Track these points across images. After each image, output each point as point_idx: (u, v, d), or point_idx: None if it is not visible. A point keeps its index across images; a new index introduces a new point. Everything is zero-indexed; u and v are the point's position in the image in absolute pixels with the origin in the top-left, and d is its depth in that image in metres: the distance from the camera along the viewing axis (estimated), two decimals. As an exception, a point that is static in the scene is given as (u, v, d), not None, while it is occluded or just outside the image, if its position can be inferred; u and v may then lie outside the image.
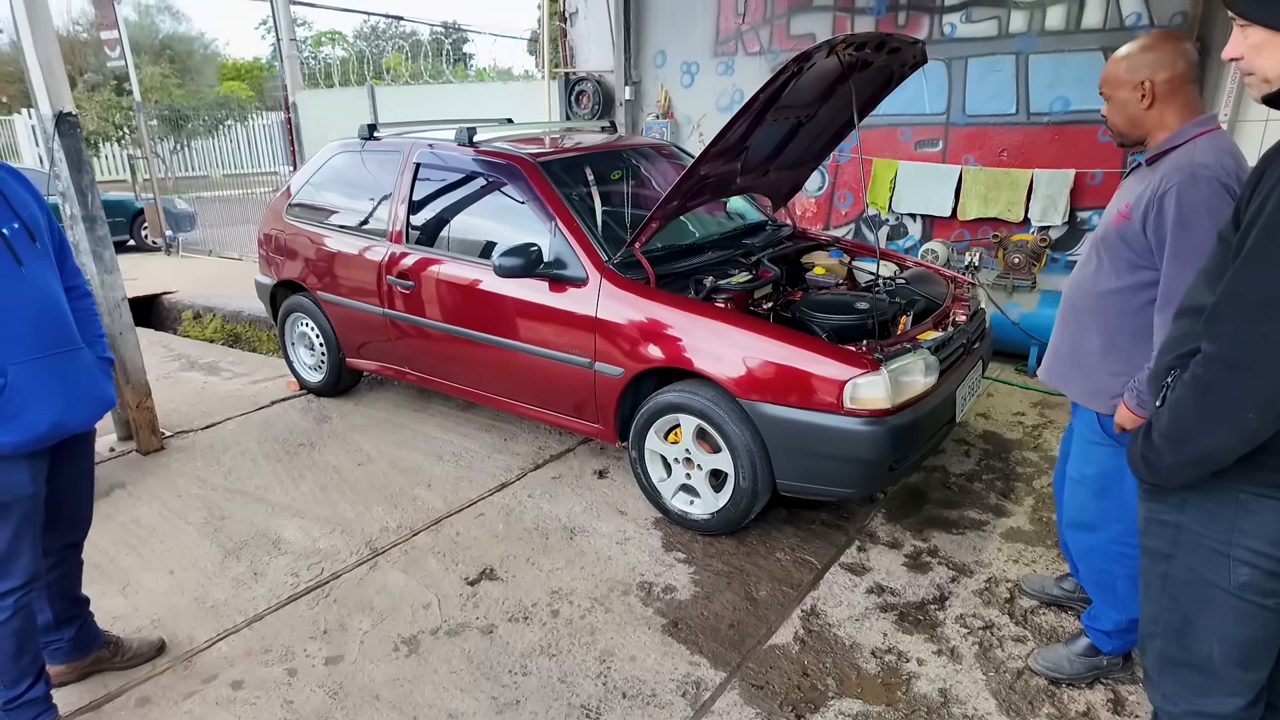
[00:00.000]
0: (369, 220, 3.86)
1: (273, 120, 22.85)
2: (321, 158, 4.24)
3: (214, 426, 3.97)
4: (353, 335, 4.03)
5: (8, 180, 1.90)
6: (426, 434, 3.89)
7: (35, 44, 3.06)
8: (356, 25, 29.63)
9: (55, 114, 3.16)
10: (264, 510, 3.14)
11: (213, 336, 6.76)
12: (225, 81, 23.72)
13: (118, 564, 2.74)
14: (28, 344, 1.79)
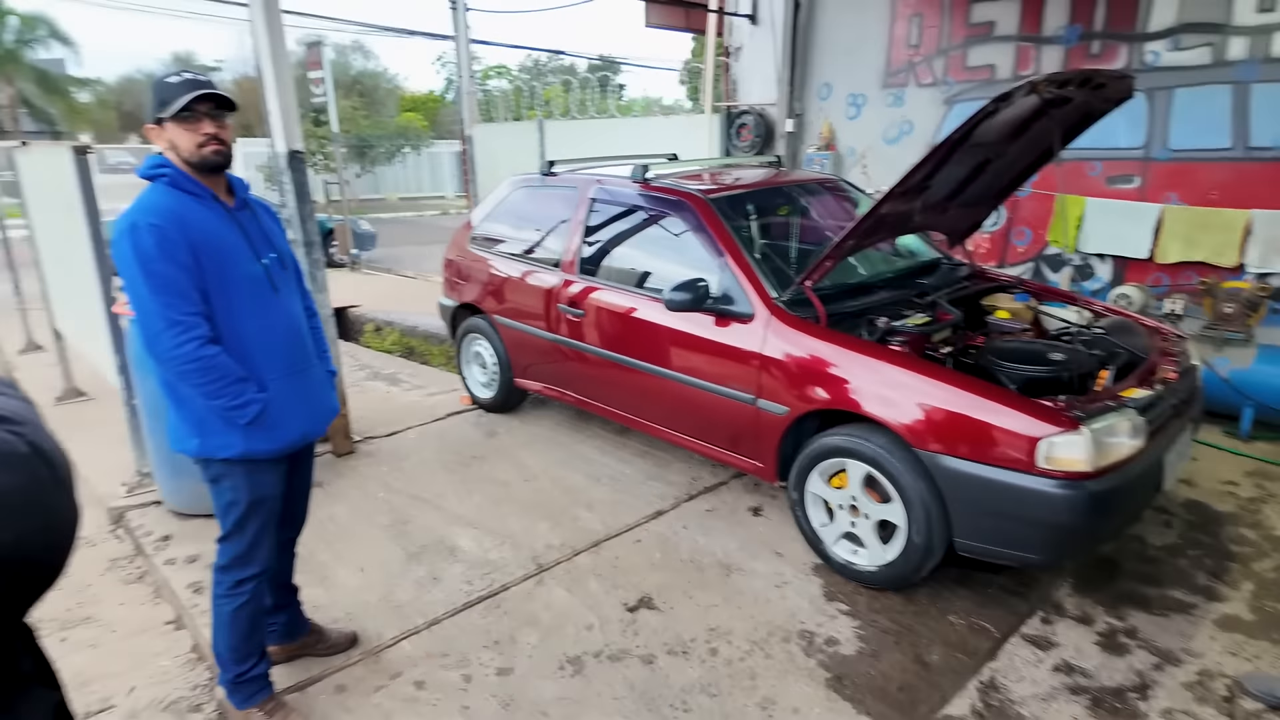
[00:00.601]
0: (544, 250, 4.08)
1: (443, 149, 24.82)
2: (502, 191, 4.54)
3: (396, 434, 4.32)
4: (522, 356, 4.27)
5: (264, 216, 2.17)
6: (585, 455, 4.02)
7: (278, 92, 3.50)
8: (520, 59, 31.61)
9: (288, 152, 3.59)
10: (441, 518, 3.37)
11: (391, 348, 7.36)
12: (403, 113, 25.98)
13: (317, 558, 3.03)
14: (281, 362, 2.04)
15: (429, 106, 29.11)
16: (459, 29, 7.98)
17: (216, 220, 1.94)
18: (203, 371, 1.86)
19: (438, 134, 25.87)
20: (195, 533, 3.18)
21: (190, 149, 1.88)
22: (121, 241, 1.82)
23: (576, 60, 30.81)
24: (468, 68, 8.05)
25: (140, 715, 2.24)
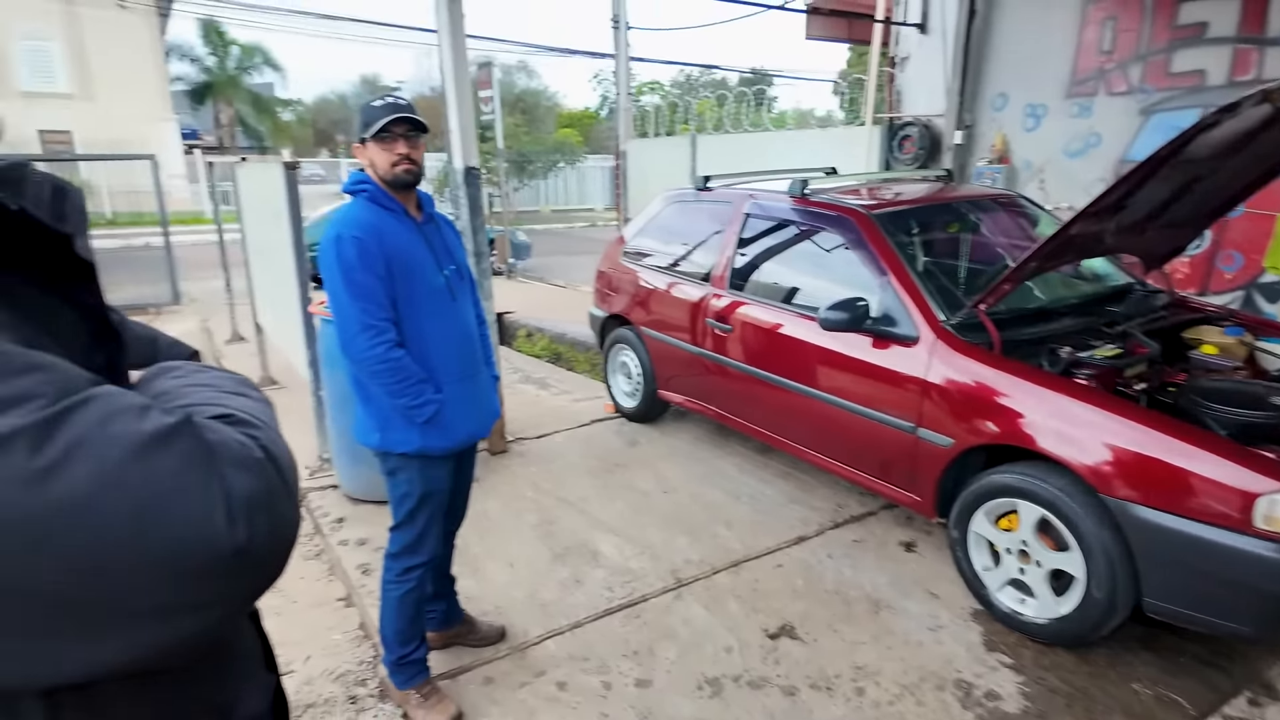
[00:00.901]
0: (693, 265, 4.10)
1: (594, 163, 25.68)
2: (656, 206, 4.61)
3: (545, 437, 4.48)
4: (666, 368, 4.30)
5: (446, 229, 2.32)
6: (725, 472, 3.99)
7: (458, 112, 3.75)
8: (673, 75, 32.15)
9: (465, 168, 3.83)
10: (585, 522, 3.45)
11: (540, 354, 7.67)
12: (560, 129, 27.16)
13: (471, 550, 3.19)
14: (456, 367, 2.17)
15: (584, 123, 30.25)
16: (619, 47, 8.22)
17: (407, 234, 2.10)
18: (390, 372, 2.02)
19: (590, 149, 26.80)
20: (366, 517, 3.45)
21: (385, 167, 2.04)
22: (328, 251, 2.01)
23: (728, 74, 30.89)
24: (626, 85, 8.27)
25: (315, 682, 2.45)
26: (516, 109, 25.69)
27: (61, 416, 0.49)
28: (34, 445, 0.47)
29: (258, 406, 0.70)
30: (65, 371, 0.53)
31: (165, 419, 0.54)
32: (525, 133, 23.06)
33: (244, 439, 0.59)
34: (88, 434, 0.49)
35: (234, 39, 25.31)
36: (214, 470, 0.54)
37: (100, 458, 0.49)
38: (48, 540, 0.47)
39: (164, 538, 0.50)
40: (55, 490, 0.47)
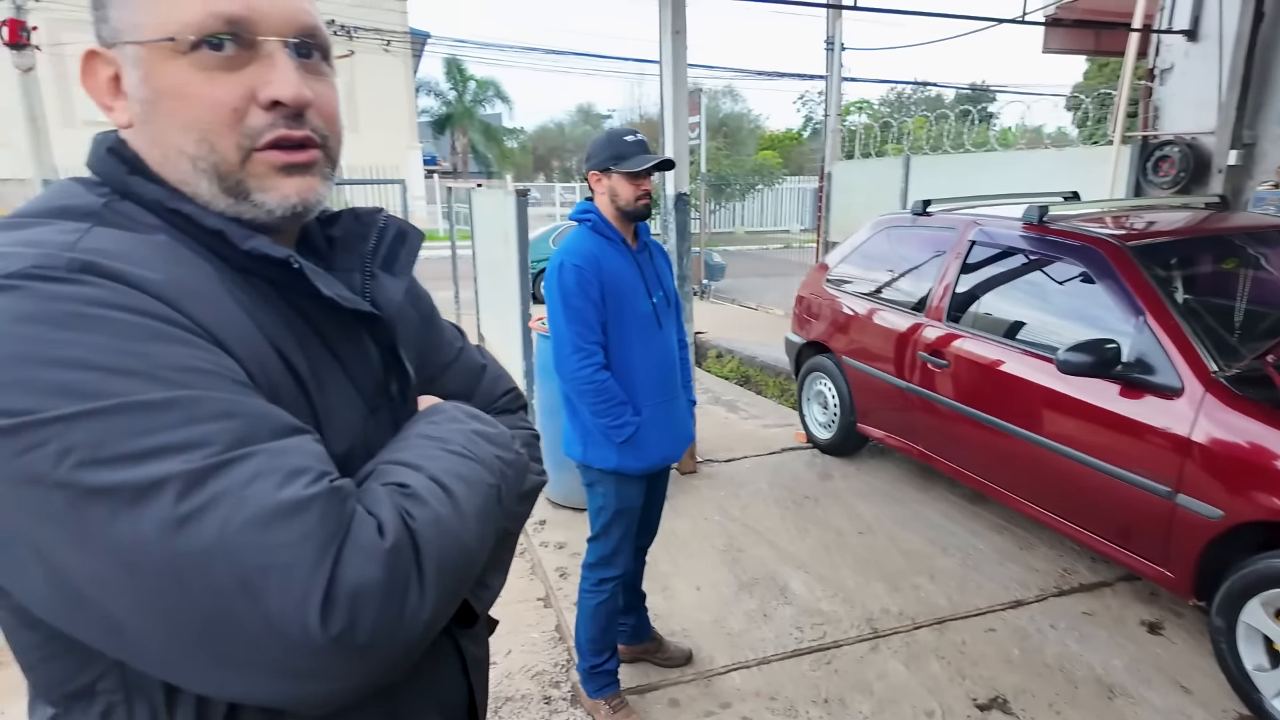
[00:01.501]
0: (906, 294, 3.88)
1: (792, 185, 25.38)
2: (867, 231, 4.43)
3: (734, 461, 4.45)
4: (868, 401, 4.10)
5: (658, 257, 2.39)
6: (929, 518, 3.71)
7: (674, 140, 3.86)
8: (882, 93, 30.99)
9: (676, 195, 3.93)
10: (773, 554, 3.37)
11: (729, 375, 7.67)
12: (760, 151, 27.16)
13: (659, 567, 3.23)
14: (656, 391, 2.23)
15: (785, 144, 30.03)
16: (831, 69, 8.07)
17: (623, 262, 2.19)
18: (595, 393, 2.11)
19: (790, 170, 26.53)
20: (566, 522, 3.63)
21: (628, 199, 2.15)
22: (551, 276, 2.15)
23: (944, 90, 29.20)
24: (837, 106, 8.09)
25: (514, 677, 2.59)
26: (719, 133, 26.11)
27: (217, 469, 0.51)
28: (182, 493, 0.50)
29: (472, 471, 0.68)
30: (256, 420, 0.55)
31: (304, 490, 0.53)
32: (725, 156, 23.34)
33: (391, 520, 0.57)
34: (229, 490, 0.51)
35: (472, 75, 28.16)
36: (329, 553, 0.52)
37: (228, 518, 0.50)
38: (174, 582, 0.50)
39: (259, 610, 0.50)
40: (183, 540, 0.49)
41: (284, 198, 0.66)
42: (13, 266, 0.53)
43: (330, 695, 0.54)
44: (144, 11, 0.63)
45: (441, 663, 0.80)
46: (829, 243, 9.10)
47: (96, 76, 0.66)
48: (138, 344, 0.53)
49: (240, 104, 0.63)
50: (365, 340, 0.75)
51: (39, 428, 0.49)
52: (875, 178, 8.20)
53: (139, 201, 0.64)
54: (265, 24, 0.64)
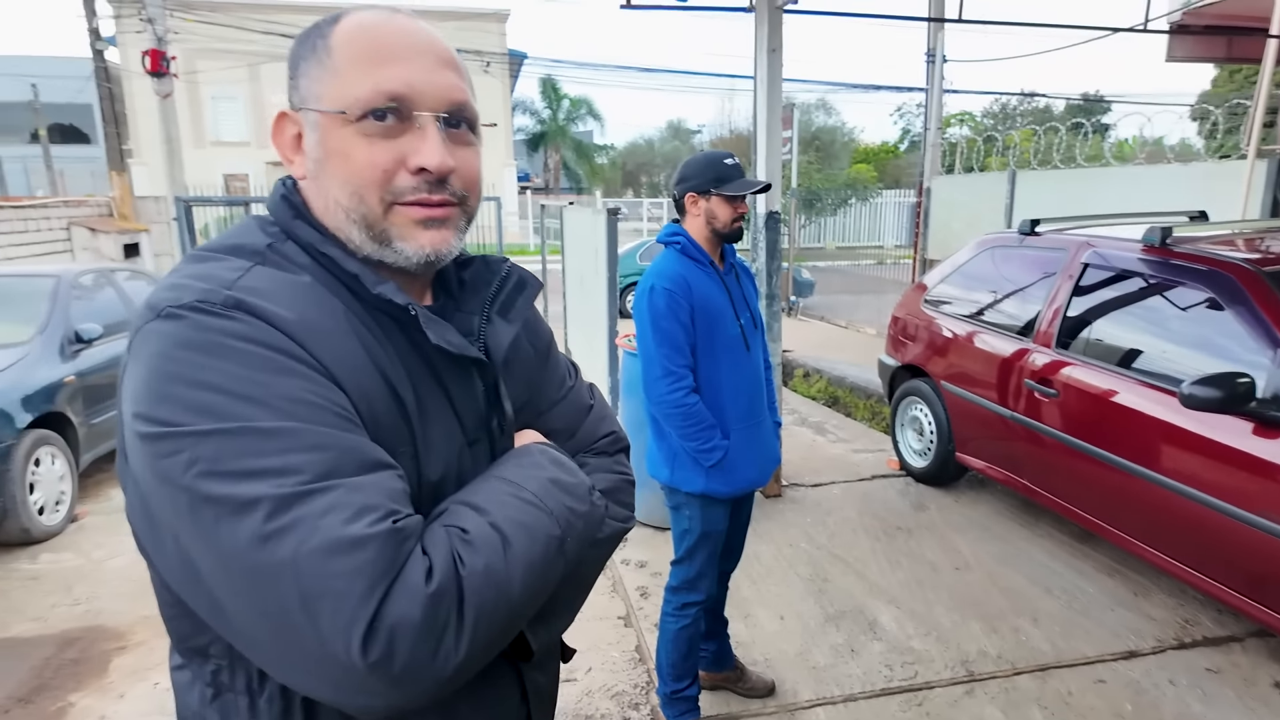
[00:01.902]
0: (1011, 318, 3.69)
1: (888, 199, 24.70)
2: (969, 251, 4.25)
3: (821, 486, 4.34)
4: (968, 429, 3.92)
5: (745, 279, 2.36)
6: (1032, 556, 3.50)
7: (766, 159, 3.83)
8: (986, 104, 29.76)
9: (767, 213, 3.89)
10: (861, 585, 3.25)
11: (816, 396, 7.49)
12: (854, 164, 26.57)
13: (741, 592, 3.17)
14: (744, 414, 2.20)
15: (880, 158, 29.29)
16: (933, 81, 7.82)
17: (711, 284, 2.18)
18: (684, 416, 2.10)
19: (886, 184, 25.85)
20: (646, 541, 3.62)
21: (725, 221, 2.15)
22: (641, 299, 2.16)
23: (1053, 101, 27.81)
24: (937, 119, 7.83)
25: (594, 695, 2.60)
26: (811, 147, 25.72)
27: (301, 496, 0.59)
28: (270, 513, 0.58)
29: (537, 521, 0.72)
30: (344, 455, 0.62)
31: (367, 529, 0.59)
32: (817, 170, 23.00)
33: (441, 565, 0.62)
34: (306, 518, 0.58)
35: (566, 93, 28.89)
36: (379, 588, 0.58)
37: (301, 542, 0.57)
38: (254, 586, 0.58)
39: (313, 627, 0.57)
40: (265, 554, 0.58)
41: (420, 248, 0.76)
42: (185, 298, 0.65)
43: (371, 709, 0.61)
44: (325, 85, 0.74)
45: (501, 689, 0.85)
46: (926, 260, 8.79)
47: (284, 134, 0.79)
48: (262, 375, 0.63)
49: (391, 166, 0.74)
50: (473, 377, 0.82)
51: (177, 438, 0.60)
52: (978, 193, 7.87)
53: (297, 242, 0.76)
54: (421, 101, 0.74)
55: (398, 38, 0.75)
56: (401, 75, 0.73)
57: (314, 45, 0.76)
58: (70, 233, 10.25)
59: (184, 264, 0.72)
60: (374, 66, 0.73)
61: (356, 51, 0.74)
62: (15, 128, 24.87)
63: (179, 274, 0.70)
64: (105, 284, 5.19)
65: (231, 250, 0.74)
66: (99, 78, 11.49)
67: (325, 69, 0.75)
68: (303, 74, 0.76)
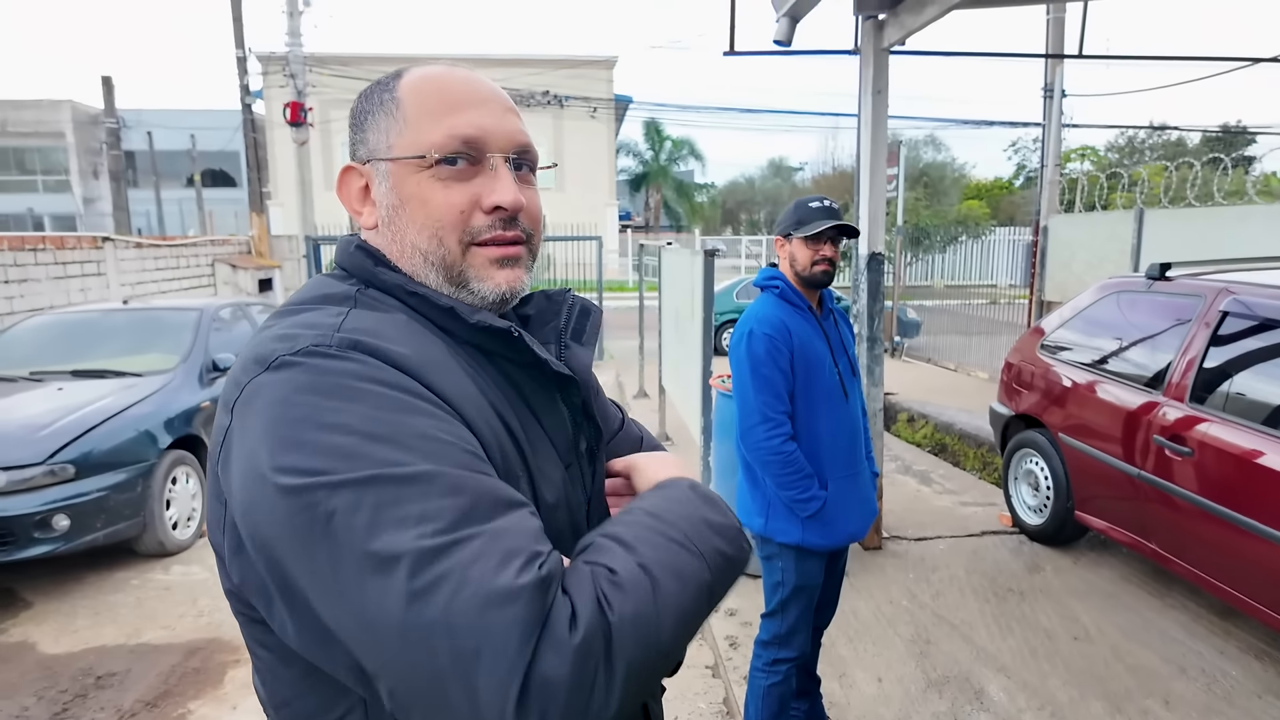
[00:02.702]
0: (1139, 368, 3.43)
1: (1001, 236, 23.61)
2: (1091, 295, 3.99)
3: (925, 541, 4.12)
4: (1089, 486, 3.63)
5: (843, 324, 2.30)
6: (1164, 630, 3.18)
7: (869, 200, 3.75)
8: (1110, 139, 28.10)
9: (869, 254, 3.80)
10: (968, 650, 3.05)
11: (921, 442, 7.16)
12: (965, 201, 25.62)
13: (837, 650, 3.04)
14: (842, 464, 2.13)
15: (994, 194, 28.13)
16: (1050, 117, 7.48)
17: (810, 330, 2.14)
18: (781, 464, 2.05)
19: (999, 221, 24.76)
20: (737, 588, 3.51)
21: (805, 264, 2.12)
22: (739, 344, 2.14)
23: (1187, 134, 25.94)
24: (1056, 156, 7.46)
25: (679, 746, 2.54)
26: (919, 183, 25.04)
27: (446, 548, 0.56)
28: (414, 569, 0.55)
29: (689, 567, 0.66)
30: (480, 497, 0.60)
31: (517, 579, 0.56)
32: (925, 206, 22.33)
33: (586, 610, 0.58)
34: (453, 571, 0.55)
35: (668, 135, 29.47)
36: (530, 642, 0.55)
37: (452, 597, 0.55)
38: (403, 646, 0.56)
39: (468, 686, 0.54)
40: (414, 613, 0.55)
41: (496, 286, 0.78)
42: (298, 345, 0.65)
43: None
44: (397, 135, 0.77)
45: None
46: (1044, 302, 8.32)
47: (350, 186, 0.82)
48: (391, 414, 0.62)
49: (467, 207, 0.77)
50: (558, 401, 0.83)
51: (312, 491, 0.58)
52: (1100, 233, 7.41)
53: (381, 287, 0.77)
54: (492, 143, 0.78)
55: (464, 86, 0.79)
56: (473, 120, 0.77)
57: (380, 100, 0.79)
58: (214, 268, 11.26)
59: (277, 318, 0.73)
60: (445, 113, 0.76)
61: (427, 101, 0.77)
62: (176, 173, 27.76)
63: (279, 326, 0.70)
64: (241, 317, 5.66)
65: (320, 300, 0.75)
66: (246, 128, 12.69)
67: (396, 120, 0.78)
68: (370, 128, 0.80)
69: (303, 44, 12.59)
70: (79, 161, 27.39)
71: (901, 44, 3.64)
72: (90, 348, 4.85)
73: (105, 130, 18.65)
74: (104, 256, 8.61)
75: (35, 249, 7.54)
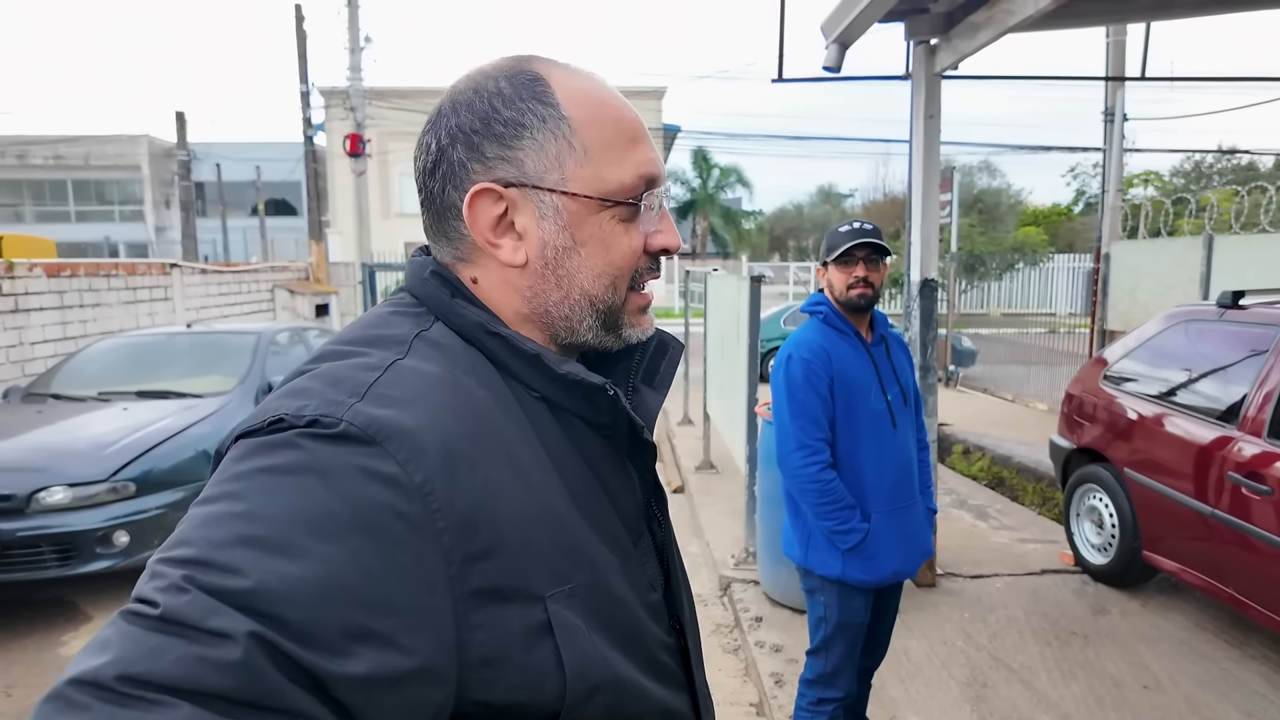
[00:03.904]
0: (1210, 401, 3.25)
1: (1060, 263, 22.96)
2: (1157, 324, 3.82)
3: (982, 579, 3.95)
4: (1157, 524, 3.44)
5: (896, 350, 2.23)
6: (1242, 680, 2.96)
7: (921, 226, 3.67)
8: (1175, 163, 27.18)
9: (921, 280, 3.71)
10: (1028, 696, 2.89)
11: (978, 475, 6.92)
12: (1022, 227, 25.01)
13: (888, 691, 2.91)
14: (888, 496, 2.05)
15: (1052, 220, 27.42)
16: (1111, 142, 7.27)
17: (855, 356, 2.08)
18: (819, 493, 1.99)
19: (1058, 248, 24.09)
20: (784, 622, 3.44)
21: (841, 289, 2.07)
22: (779, 369, 2.10)
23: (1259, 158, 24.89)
24: (1117, 181, 7.24)
25: (720, 787, 2.46)
26: (974, 209, 24.57)
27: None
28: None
29: None
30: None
31: None
32: (980, 233, 21.88)
33: None
34: None
35: (716, 163, 29.62)
36: None
37: None
38: None
39: None
40: None
41: (644, 331, 0.73)
42: (304, 413, 0.55)
43: None
44: (574, 166, 0.66)
45: None
46: (1106, 332, 8.02)
47: (486, 214, 0.67)
48: (353, 541, 0.51)
49: (640, 251, 0.70)
50: (627, 464, 0.73)
51: (209, 595, 0.46)
52: (1166, 260, 7.12)
53: (457, 325, 0.66)
54: (661, 179, 0.71)
55: (630, 112, 0.70)
56: (652, 156, 0.70)
57: (541, 116, 0.66)
58: (273, 294, 11.68)
59: (316, 360, 0.63)
60: (629, 147, 0.68)
61: (606, 129, 0.67)
62: (242, 203, 29.06)
63: (308, 374, 0.60)
64: (297, 341, 5.83)
65: (371, 342, 0.64)
66: (307, 159, 13.22)
67: (572, 147, 0.66)
68: (527, 148, 0.66)
69: (363, 78, 13.10)
70: (153, 192, 28.92)
71: (954, 68, 3.58)
72: (154, 369, 5.05)
73: (177, 162, 19.67)
74: (171, 282, 9.01)
75: (108, 275, 7.94)
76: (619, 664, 0.65)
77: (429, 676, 0.52)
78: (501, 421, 0.62)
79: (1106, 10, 3.72)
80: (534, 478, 0.62)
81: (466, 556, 0.55)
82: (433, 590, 0.53)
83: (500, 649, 0.56)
